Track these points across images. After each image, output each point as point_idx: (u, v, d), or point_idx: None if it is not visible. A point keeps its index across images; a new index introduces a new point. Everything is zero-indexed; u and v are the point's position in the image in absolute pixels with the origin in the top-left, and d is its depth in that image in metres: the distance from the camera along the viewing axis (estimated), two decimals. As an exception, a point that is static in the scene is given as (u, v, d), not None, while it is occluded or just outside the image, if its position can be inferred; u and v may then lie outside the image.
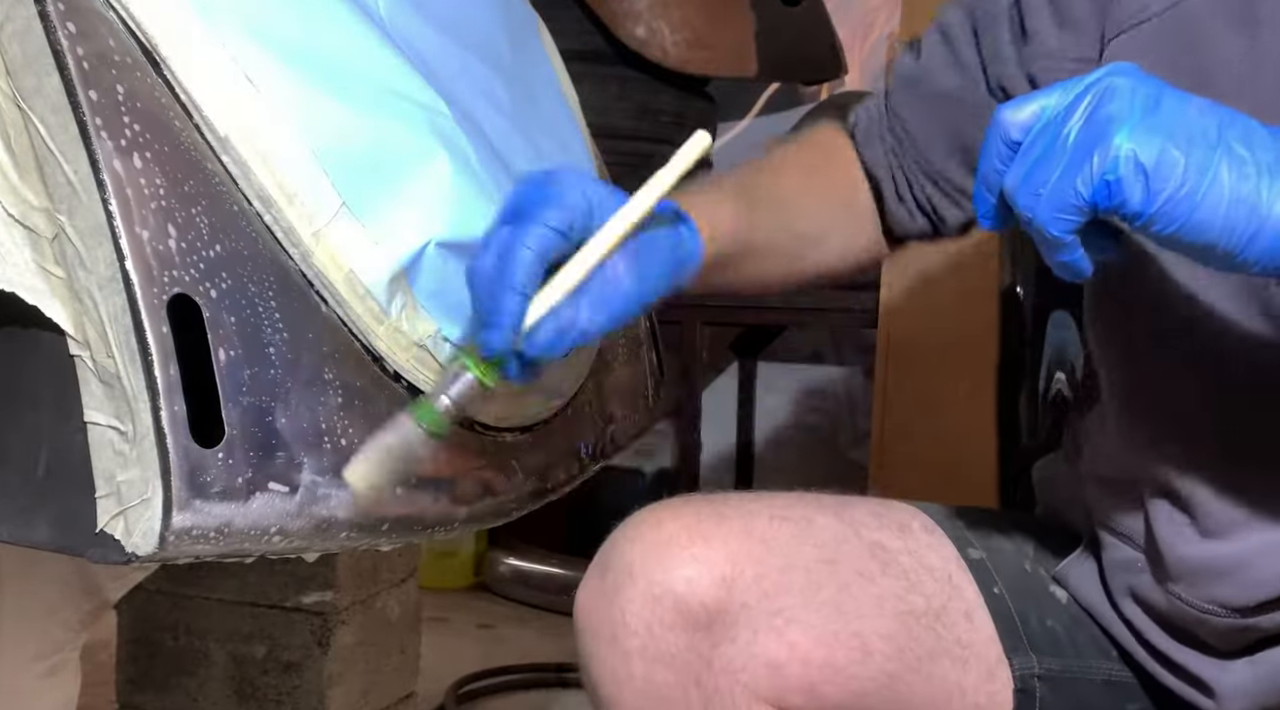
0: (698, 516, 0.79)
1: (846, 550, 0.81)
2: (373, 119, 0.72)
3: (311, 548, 0.69)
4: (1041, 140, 0.59)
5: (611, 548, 0.80)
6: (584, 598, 0.81)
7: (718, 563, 0.77)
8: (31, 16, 0.59)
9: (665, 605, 0.76)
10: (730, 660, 0.76)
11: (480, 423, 0.80)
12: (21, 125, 0.60)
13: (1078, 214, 0.58)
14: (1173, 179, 0.56)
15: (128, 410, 0.58)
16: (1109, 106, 0.58)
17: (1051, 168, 0.58)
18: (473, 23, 0.94)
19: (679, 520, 0.79)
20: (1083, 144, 0.57)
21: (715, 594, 0.76)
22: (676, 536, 0.78)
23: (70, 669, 1.17)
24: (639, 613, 0.76)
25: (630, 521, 0.82)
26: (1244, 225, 0.56)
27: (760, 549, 0.79)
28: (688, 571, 0.76)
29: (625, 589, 0.77)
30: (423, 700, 1.75)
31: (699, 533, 0.78)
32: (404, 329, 0.72)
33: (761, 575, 0.77)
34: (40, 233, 0.60)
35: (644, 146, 2.57)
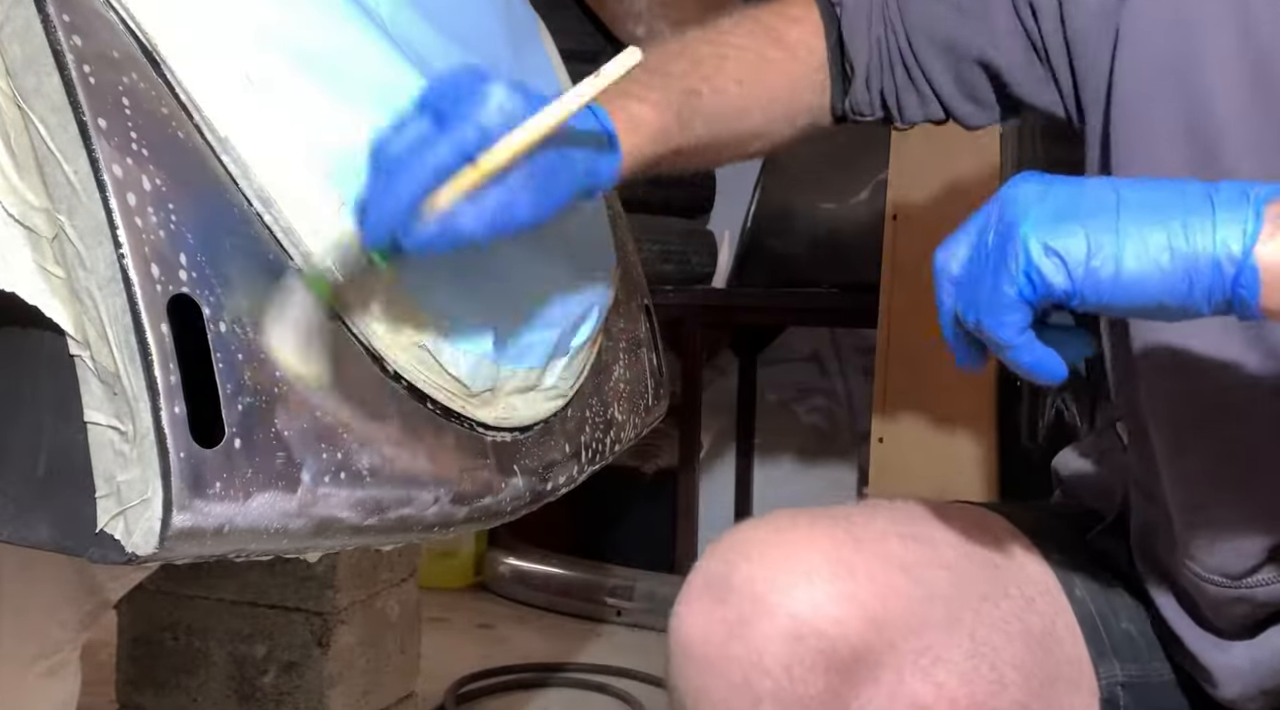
0: (833, 541, 0.73)
1: (970, 571, 0.78)
2: (373, 119, 0.72)
3: (311, 548, 0.69)
4: (970, 265, 0.63)
5: (728, 568, 0.73)
6: (698, 624, 0.72)
7: (867, 600, 0.71)
8: (31, 16, 0.59)
9: (809, 645, 0.69)
10: (873, 704, 0.71)
11: (480, 423, 0.80)
12: (22, 125, 0.60)
13: (1016, 311, 0.60)
14: (1080, 250, 0.58)
15: (128, 410, 0.58)
16: (1011, 211, 0.60)
17: (982, 281, 0.61)
18: (473, 23, 0.94)
19: (813, 545, 0.73)
20: (998, 250, 0.60)
21: (864, 635, 0.70)
22: (818, 567, 0.72)
23: (70, 669, 1.17)
24: (777, 654, 0.69)
25: (743, 538, 0.75)
26: (1177, 271, 0.57)
27: (902, 580, 0.74)
28: (836, 611, 0.70)
29: (759, 624, 0.70)
30: (423, 700, 1.75)
31: (841, 563, 0.72)
32: (404, 329, 0.72)
33: (909, 612, 0.73)
34: (40, 233, 0.60)
35: (644, 146, 2.57)
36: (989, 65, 0.87)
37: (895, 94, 0.92)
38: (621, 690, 2.02)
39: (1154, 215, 0.58)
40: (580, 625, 2.44)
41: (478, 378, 0.78)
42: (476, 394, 0.79)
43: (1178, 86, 0.76)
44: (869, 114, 0.95)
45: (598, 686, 2.06)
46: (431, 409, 0.76)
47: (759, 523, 0.77)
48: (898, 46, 0.91)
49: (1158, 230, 0.58)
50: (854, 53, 0.92)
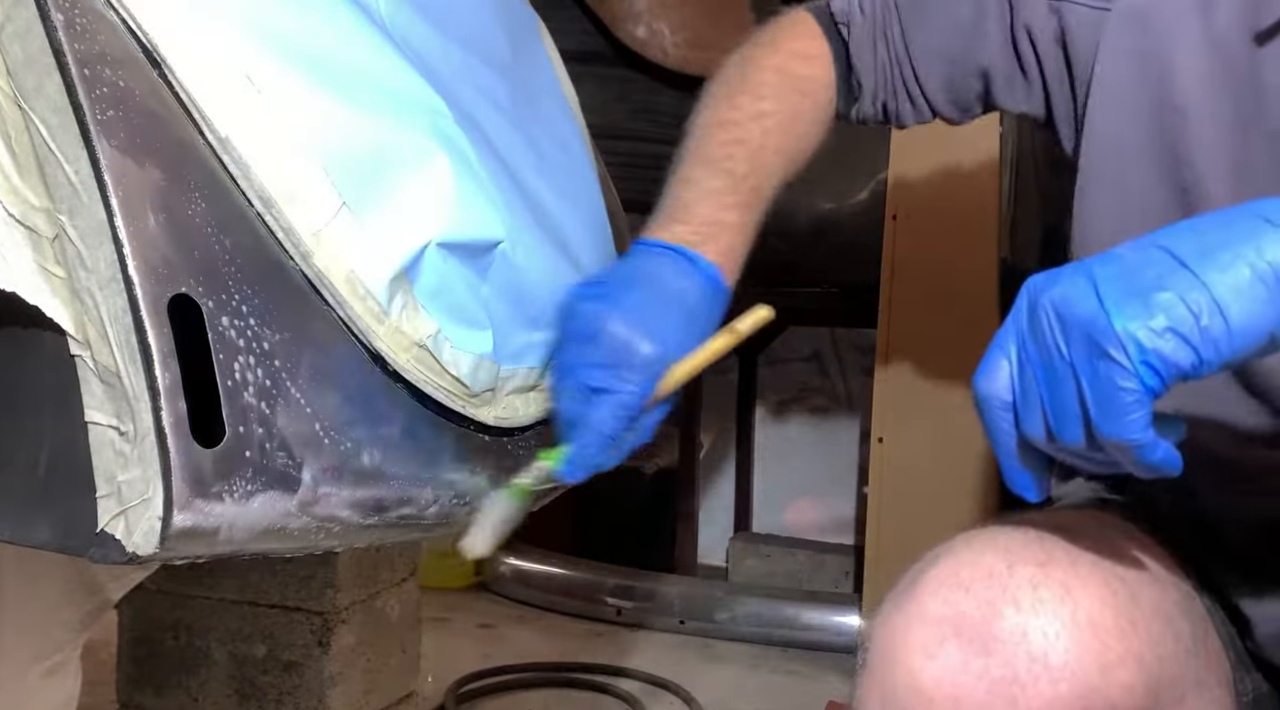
0: (1108, 586, 0.64)
1: (1188, 610, 0.71)
2: (373, 119, 0.72)
3: (312, 547, 0.69)
4: (1033, 382, 0.58)
5: (987, 612, 0.62)
6: (948, 677, 0.61)
7: (1148, 661, 0.63)
8: (32, 17, 0.59)
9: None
10: None
11: (481, 422, 0.80)
12: (22, 125, 0.60)
13: (1139, 408, 0.54)
14: (1186, 316, 0.54)
15: (128, 410, 0.58)
16: (1074, 308, 0.56)
17: (1068, 393, 0.56)
18: (473, 23, 0.94)
19: (1089, 591, 0.63)
20: (1085, 353, 0.55)
21: (1145, 705, 0.62)
22: (1103, 621, 0.62)
23: (71, 668, 1.17)
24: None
25: (991, 569, 0.64)
26: (1277, 298, 0.54)
27: (1168, 634, 0.66)
28: (1127, 676, 0.61)
29: (1037, 688, 0.60)
30: (423, 700, 1.76)
31: (1124, 615, 0.63)
32: (404, 329, 0.72)
33: (1176, 672, 0.65)
34: (41, 233, 0.60)
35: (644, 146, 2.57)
36: (983, 76, 0.93)
37: (895, 105, 0.99)
38: (621, 690, 2.03)
39: (1222, 254, 0.54)
40: (580, 625, 2.44)
41: (478, 378, 0.78)
42: (477, 394, 0.79)
43: (1150, 110, 0.79)
44: (871, 122, 1.03)
45: (598, 686, 2.06)
46: (432, 409, 0.76)
47: (995, 548, 0.65)
48: (899, 69, 0.97)
49: (1238, 266, 0.54)
50: (862, 75, 0.98)
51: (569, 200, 0.96)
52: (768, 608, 2.36)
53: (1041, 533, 0.67)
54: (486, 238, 0.78)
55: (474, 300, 0.78)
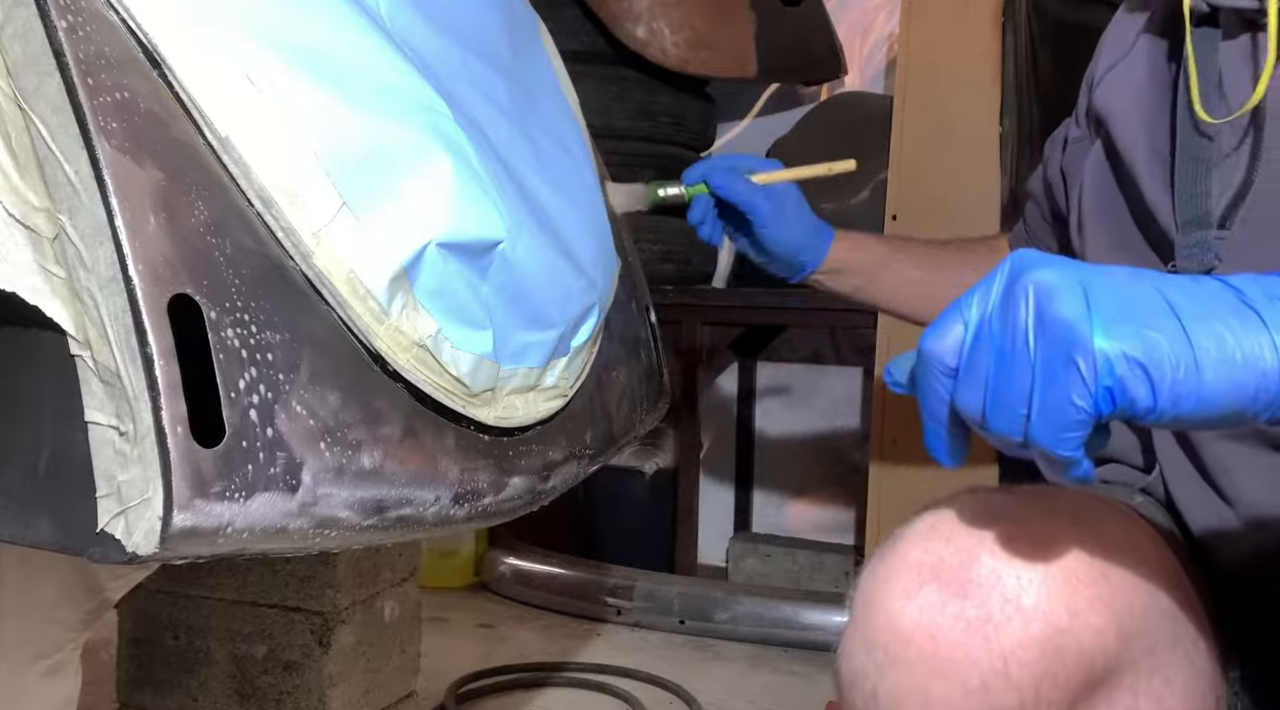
0: (1080, 539, 0.66)
1: (1170, 577, 0.72)
2: (373, 119, 0.72)
3: (312, 547, 0.69)
4: (985, 358, 0.55)
5: (965, 558, 0.64)
6: (925, 616, 0.63)
7: (1120, 611, 0.64)
8: (32, 17, 0.59)
9: (1067, 661, 0.62)
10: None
11: (480, 422, 0.80)
12: (22, 125, 0.60)
13: (1081, 429, 0.53)
14: (1166, 363, 0.52)
15: (128, 410, 0.58)
16: (1059, 307, 0.53)
17: (1019, 385, 0.54)
18: (473, 23, 0.94)
19: (1064, 543, 0.65)
20: (1054, 354, 0.53)
21: (1116, 650, 0.64)
22: (1076, 569, 0.64)
23: (71, 668, 1.17)
24: (1029, 664, 0.61)
25: (969, 524, 0.66)
26: (1248, 381, 0.52)
27: (1143, 589, 0.67)
28: (1097, 620, 0.63)
29: (1009, 627, 0.62)
30: (423, 700, 1.76)
31: (1096, 565, 0.65)
32: (404, 329, 0.72)
33: (1148, 626, 0.67)
34: (41, 233, 0.60)
35: (644, 146, 2.58)
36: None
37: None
38: (621, 690, 2.03)
39: (1210, 319, 0.53)
40: (580, 625, 2.44)
41: (478, 378, 0.78)
42: (476, 394, 0.79)
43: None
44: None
45: (598, 686, 2.06)
46: (431, 409, 0.76)
47: (975, 507, 0.68)
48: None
49: (1221, 336, 0.52)
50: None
51: (569, 200, 0.96)
52: (768, 608, 2.36)
53: (1023, 495, 0.70)
54: (486, 238, 0.78)
55: (474, 300, 0.78)
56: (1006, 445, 0.56)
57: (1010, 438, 0.55)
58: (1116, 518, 0.74)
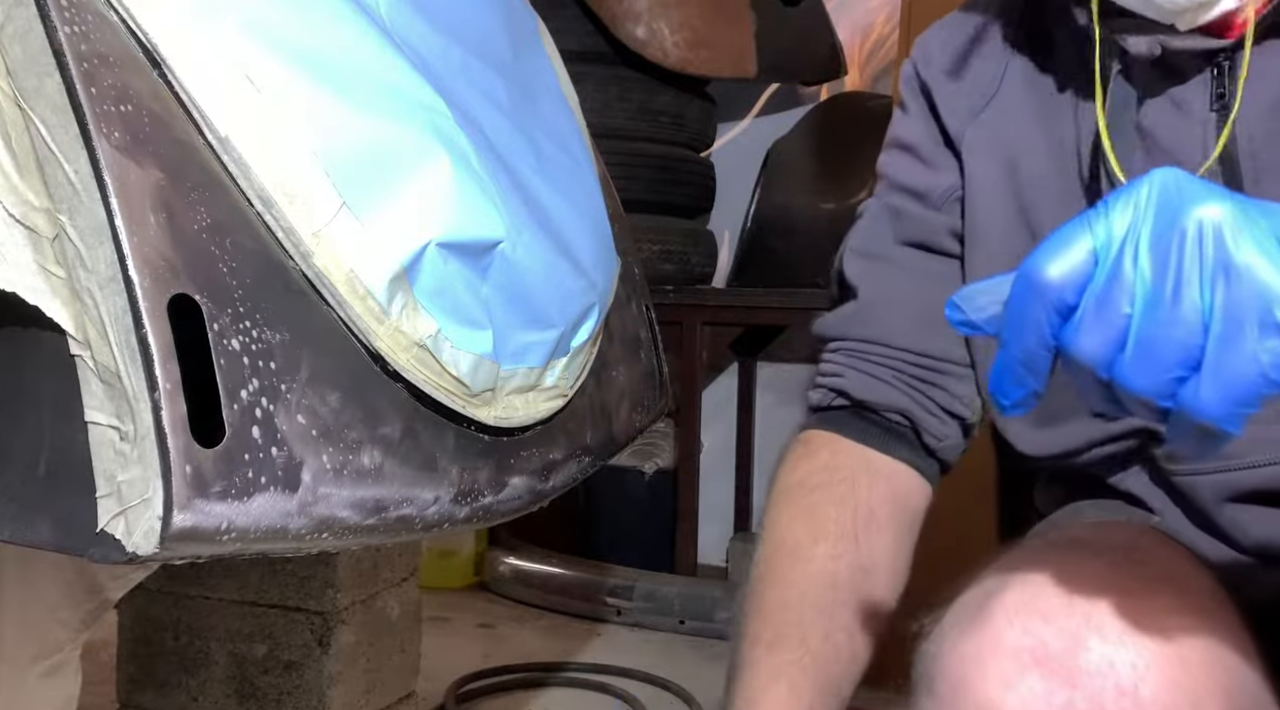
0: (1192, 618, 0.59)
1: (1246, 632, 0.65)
2: (373, 119, 0.72)
3: (312, 547, 0.69)
4: (1124, 299, 0.46)
5: (1070, 642, 0.57)
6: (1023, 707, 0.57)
7: (1235, 698, 0.59)
8: (32, 17, 0.59)
9: None
10: None
11: (480, 422, 0.80)
12: (22, 125, 0.60)
13: (1259, 403, 0.45)
14: None
15: (128, 410, 0.58)
16: (1249, 253, 0.44)
17: (1180, 343, 0.45)
18: (473, 23, 0.94)
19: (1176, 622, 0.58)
20: (1241, 312, 0.44)
21: None
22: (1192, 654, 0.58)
23: (71, 668, 1.17)
24: None
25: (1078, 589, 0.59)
26: None
27: (1245, 667, 0.61)
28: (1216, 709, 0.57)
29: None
30: (423, 700, 1.76)
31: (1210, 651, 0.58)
32: (404, 329, 0.72)
33: (1253, 704, 0.61)
34: (41, 233, 0.60)
35: (644, 146, 2.58)
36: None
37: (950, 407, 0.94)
38: (621, 690, 2.03)
39: None
40: (580, 625, 2.44)
41: (478, 378, 0.78)
42: (476, 394, 0.79)
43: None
44: (955, 444, 0.95)
45: (598, 686, 2.06)
46: (431, 409, 0.76)
47: (1063, 569, 0.60)
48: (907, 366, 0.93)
49: None
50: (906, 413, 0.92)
51: (569, 200, 0.96)
52: (768, 608, 2.36)
53: (1113, 556, 0.63)
54: (486, 238, 0.78)
55: (474, 300, 0.78)
56: (1138, 406, 0.47)
57: (1154, 400, 0.46)
58: (1191, 569, 0.67)
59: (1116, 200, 0.48)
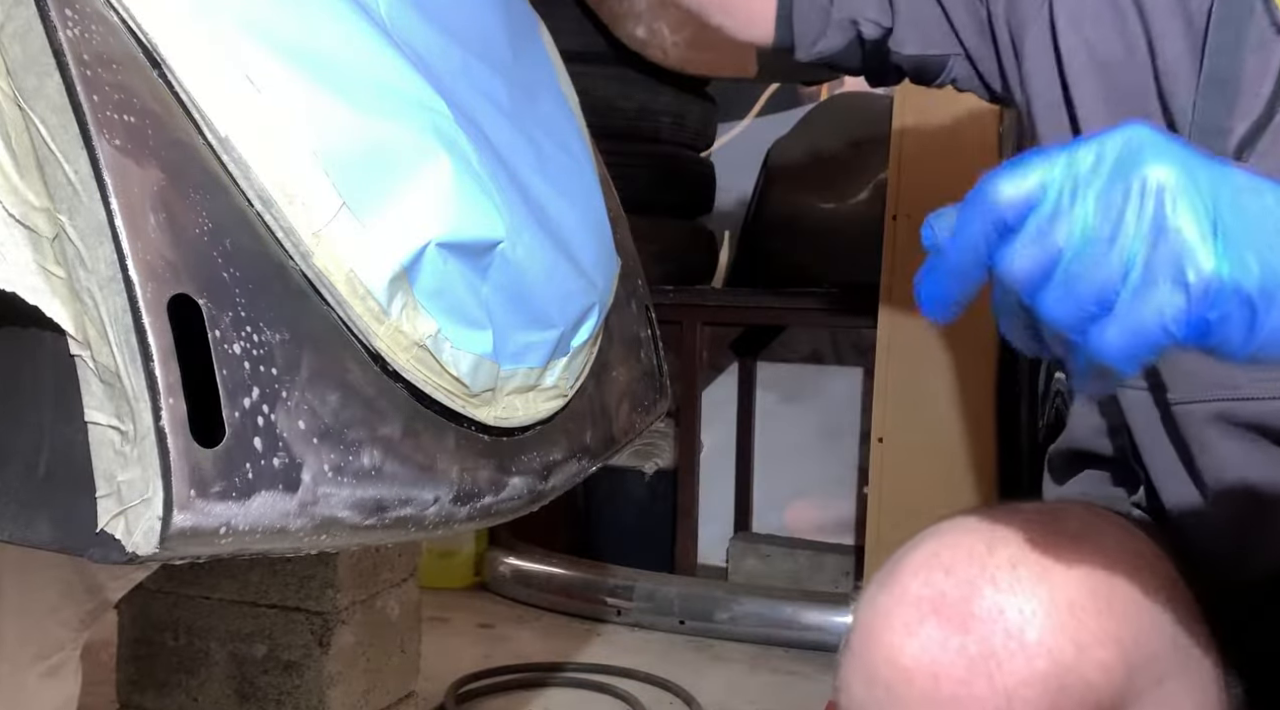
0: (1088, 566, 0.63)
1: (1176, 599, 0.69)
2: (373, 119, 0.73)
3: (312, 547, 0.69)
4: (1062, 234, 0.49)
5: (967, 590, 0.62)
6: (927, 653, 0.61)
7: (1126, 642, 0.62)
8: (32, 17, 0.59)
9: (1072, 697, 0.60)
10: None
11: (480, 423, 0.80)
12: (22, 125, 0.60)
13: (1157, 351, 0.48)
14: (1276, 305, 0.46)
15: (128, 410, 0.58)
16: (1183, 218, 0.47)
17: (1102, 282, 0.48)
18: (473, 23, 0.94)
19: (1069, 571, 0.62)
20: (1162, 269, 0.47)
21: (1123, 684, 0.62)
22: (1081, 600, 0.62)
23: (71, 668, 1.17)
24: (1034, 701, 0.59)
25: (972, 551, 0.63)
26: None
27: (1148, 616, 0.65)
28: (1103, 655, 0.60)
29: (1013, 664, 0.59)
30: (423, 700, 1.76)
31: (1101, 595, 0.62)
32: (404, 329, 0.72)
33: (1155, 654, 0.64)
34: (41, 233, 0.60)
35: (644, 146, 2.58)
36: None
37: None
38: (621, 690, 2.03)
39: None
40: (580, 625, 2.44)
41: (478, 377, 0.78)
42: (476, 394, 0.79)
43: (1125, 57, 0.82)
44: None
45: (598, 686, 2.06)
46: (431, 409, 0.76)
47: (977, 531, 0.64)
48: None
49: None
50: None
51: (569, 200, 0.96)
52: (768, 608, 2.36)
53: (1026, 517, 0.67)
54: (486, 238, 0.78)
55: (474, 300, 0.78)
56: (1050, 335, 0.50)
57: (1063, 330, 0.49)
58: (1118, 534, 0.72)
59: (1085, 144, 0.51)
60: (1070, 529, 0.67)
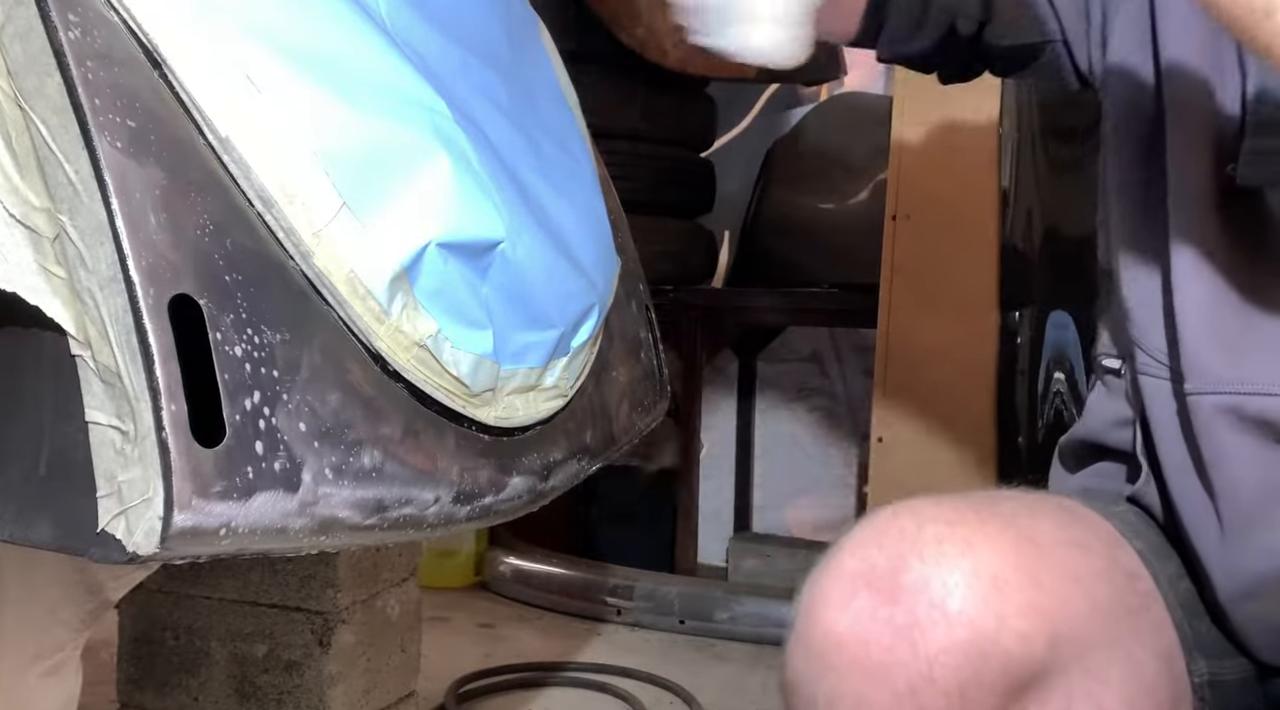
0: (1014, 544, 0.66)
1: (1117, 581, 0.72)
2: (373, 119, 0.73)
3: (312, 547, 0.69)
4: None
5: (896, 563, 0.65)
6: (856, 623, 0.64)
7: (1051, 615, 0.64)
8: (33, 17, 0.60)
9: (992, 665, 0.62)
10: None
11: (481, 423, 0.80)
12: (23, 125, 0.60)
13: None
14: None
15: (129, 410, 0.58)
16: None
17: None
18: (473, 23, 0.94)
19: (995, 547, 0.65)
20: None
21: (1044, 655, 0.64)
22: (1005, 574, 0.64)
23: (71, 668, 1.17)
24: (955, 668, 0.62)
25: (903, 529, 0.66)
26: None
27: (1076, 592, 0.68)
28: (1024, 625, 0.63)
29: (934, 632, 0.62)
30: (423, 699, 1.76)
31: (1025, 570, 0.65)
32: (405, 329, 0.72)
33: (1082, 628, 0.67)
34: (41, 233, 0.60)
35: (644, 147, 2.58)
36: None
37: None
38: (621, 690, 2.03)
39: None
40: (580, 625, 2.44)
41: (478, 378, 0.78)
42: (477, 394, 0.79)
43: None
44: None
45: (598, 686, 2.06)
46: (432, 409, 0.76)
47: (911, 511, 0.68)
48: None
49: None
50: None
51: (569, 200, 0.96)
52: (768, 608, 2.36)
53: (964, 500, 0.70)
54: (486, 238, 0.78)
55: (474, 300, 0.78)
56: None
57: None
58: (1059, 517, 0.74)
59: None
60: (1004, 511, 0.70)
